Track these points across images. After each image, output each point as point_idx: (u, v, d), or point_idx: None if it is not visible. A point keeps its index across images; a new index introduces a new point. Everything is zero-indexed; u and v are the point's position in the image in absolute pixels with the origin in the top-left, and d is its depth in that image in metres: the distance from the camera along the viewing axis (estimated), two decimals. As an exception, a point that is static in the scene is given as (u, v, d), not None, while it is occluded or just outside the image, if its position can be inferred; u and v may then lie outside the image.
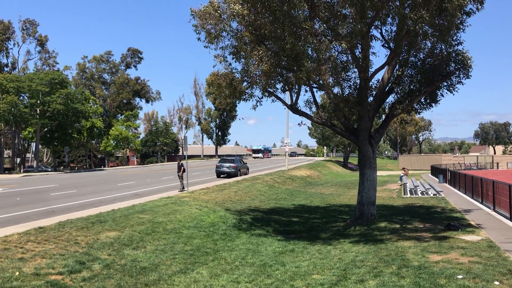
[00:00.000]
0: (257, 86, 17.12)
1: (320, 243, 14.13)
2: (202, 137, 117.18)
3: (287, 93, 18.63)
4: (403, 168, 43.74)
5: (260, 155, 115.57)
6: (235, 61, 16.89)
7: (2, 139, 60.52)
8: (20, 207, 19.08)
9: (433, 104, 18.05)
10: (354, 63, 16.12)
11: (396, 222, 16.50)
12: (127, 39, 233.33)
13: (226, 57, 16.88)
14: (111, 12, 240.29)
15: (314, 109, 19.32)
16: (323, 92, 18.33)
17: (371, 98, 17.39)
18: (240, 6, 14.08)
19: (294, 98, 17.91)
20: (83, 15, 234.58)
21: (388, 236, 13.57)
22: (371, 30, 15.51)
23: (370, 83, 17.25)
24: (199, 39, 16.00)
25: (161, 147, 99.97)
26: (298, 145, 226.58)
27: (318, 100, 19.03)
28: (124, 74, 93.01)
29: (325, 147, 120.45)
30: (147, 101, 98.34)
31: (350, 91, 17.79)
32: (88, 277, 9.29)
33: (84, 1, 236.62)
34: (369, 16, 14.51)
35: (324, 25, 15.11)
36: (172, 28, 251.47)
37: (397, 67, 17.18)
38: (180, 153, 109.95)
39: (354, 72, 17.30)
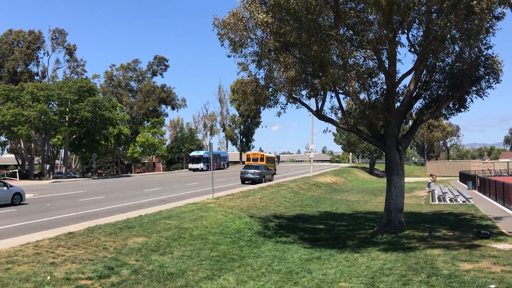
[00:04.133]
0: (282, 93, 17.14)
1: (347, 250, 13.99)
2: (227, 143, 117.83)
3: (313, 99, 18.57)
4: (431, 175, 42.97)
5: (200, 165, 70.96)
6: (258, 69, 16.94)
7: (32, 146, 62.05)
8: (50, 213, 19.52)
9: (462, 109, 17.71)
10: (381, 69, 15.97)
11: (425, 229, 16.21)
12: (154, 47, 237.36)
13: (249, 65, 16.94)
14: (138, 21, 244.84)
15: (339, 115, 19.22)
16: (349, 97, 18.21)
17: (398, 104, 17.18)
18: (264, 15, 14.13)
19: (319, 104, 17.84)
20: (111, 24, 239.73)
21: (416, 244, 13.34)
22: (397, 35, 15.36)
23: (397, 89, 17.05)
24: (222, 45, 16.04)
25: (186, 153, 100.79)
26: (323, 151, 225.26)
27: (344, 105, 18.92)
28: (151, 82, 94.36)
29: (350, 153, 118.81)
30: (173, 108, 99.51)
31: (377, 96, 17.62)
32: (117, 282, 9.41)
33: (111, 11, 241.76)
34: (395, 21, 14.38)
35: (350, 31, 15.03)
36: (197, 36, 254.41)
37: (424, 72, 16.94)
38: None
39: (381, 78, 17.15)
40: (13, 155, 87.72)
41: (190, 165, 73.17)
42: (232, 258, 12.82)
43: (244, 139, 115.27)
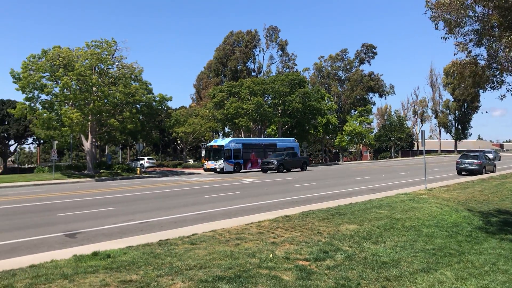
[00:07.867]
0: (508, 73, 15.22)
1: None
2: (439, 131, 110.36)
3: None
4: None
5: (219, 164, 44.91)
6: (478, 47, 15.37)
7: (250, 136, 68.48)
8: (267, 196, 21.37)
9: None
10: None
11: None
12: (361, 35, 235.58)
13: (467, 45, 15.49)
14: (345, 10, 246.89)
15: None
16: None
17: None
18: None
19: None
20: (319, 15, 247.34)
21: None
22: None
23: None
24: (437, 27, 15.01)
25: (394, 142, 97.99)
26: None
27: None
28: (358, 70, 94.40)
29: None
30: (380, 96, 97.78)
31: None
32: (332, 266, 9.76)
33: (318, 3, 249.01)
34: None
35: None
36: (405, 19, 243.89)
37: None
38: (415, 148, 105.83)
39: None
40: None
41: (205, 163, 47.76)
42: (449, 253, 12.04)
43: (459, 126, 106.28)
